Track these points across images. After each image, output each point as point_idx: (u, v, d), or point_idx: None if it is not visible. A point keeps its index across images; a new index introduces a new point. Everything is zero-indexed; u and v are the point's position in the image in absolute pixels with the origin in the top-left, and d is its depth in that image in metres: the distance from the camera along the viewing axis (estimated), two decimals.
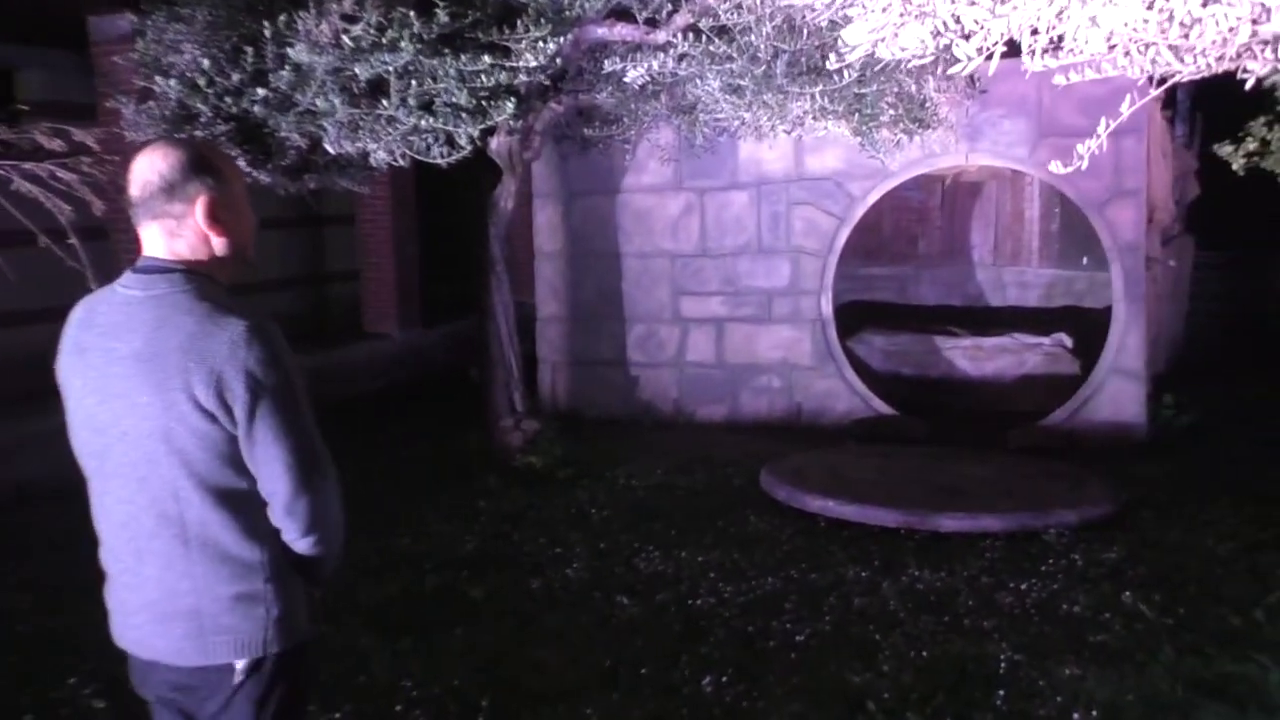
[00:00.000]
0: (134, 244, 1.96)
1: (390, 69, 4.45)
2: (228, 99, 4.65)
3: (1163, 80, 3.54)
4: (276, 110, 4.74)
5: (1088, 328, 9.33)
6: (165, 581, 1.86)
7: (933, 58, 3.14)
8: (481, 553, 5.03)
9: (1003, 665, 3.60)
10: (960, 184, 10.59)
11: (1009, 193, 10.46)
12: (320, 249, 10.57)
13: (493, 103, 4.69)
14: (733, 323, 7.84)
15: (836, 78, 4.95)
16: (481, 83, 4.64)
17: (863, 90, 5.26)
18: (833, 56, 3.82)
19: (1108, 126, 3.49)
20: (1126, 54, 3.49)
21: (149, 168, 1.86)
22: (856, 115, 5.45)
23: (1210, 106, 9.31)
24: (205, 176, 1.87)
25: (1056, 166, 3.58)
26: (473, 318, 7.09)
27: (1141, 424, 6.86)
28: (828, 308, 7.60)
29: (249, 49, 4.51)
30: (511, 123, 5.81)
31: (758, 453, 6.83)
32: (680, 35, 5.19)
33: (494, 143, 6.21)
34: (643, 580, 4.60)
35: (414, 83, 4.55)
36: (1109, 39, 3.02)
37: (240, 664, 1.88)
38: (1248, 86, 3.20)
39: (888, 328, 9.28)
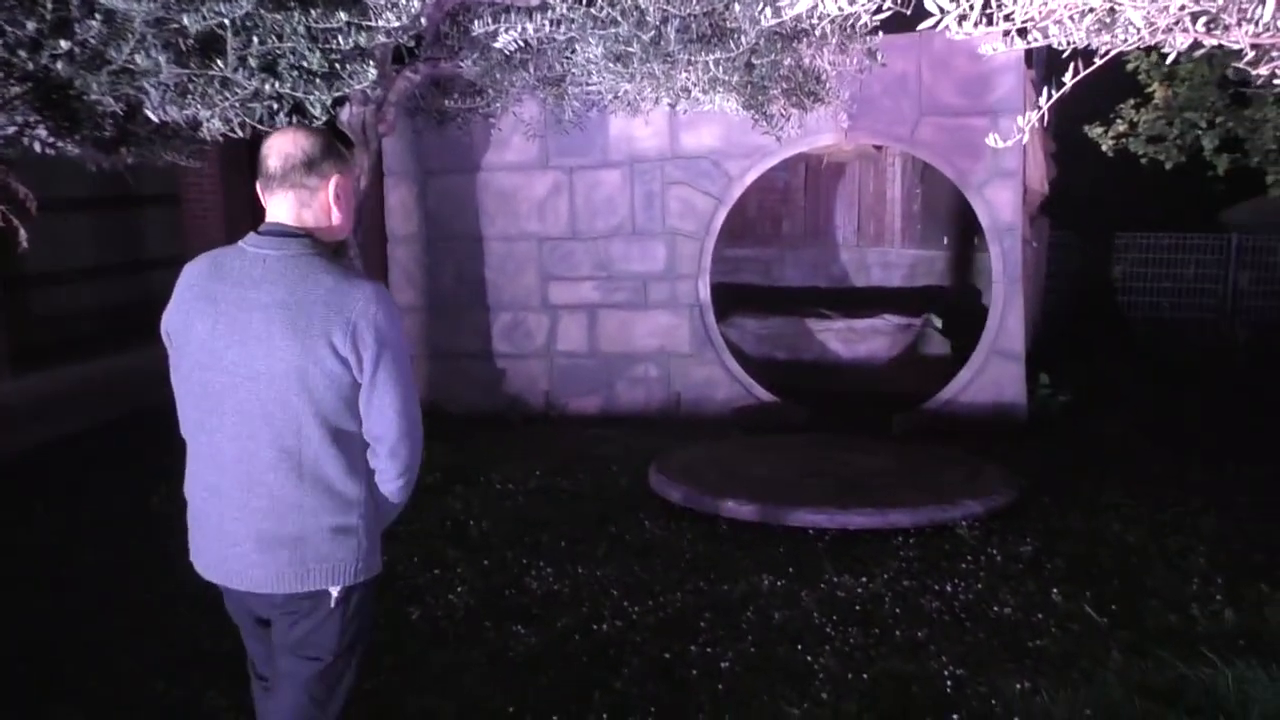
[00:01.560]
0: None
1: (226, 21, 3.77)
2: (21, 53, 3.84)
3: (1078, 54, 3.29)
4: (85, 68, 3.96)
5: (952, 307, 9.38)
6: (276, 511, 2.08)
7: (888, 14, 2.78)
8: None
9: (948, 683, 3.30)
10: (824, 165, 10.48)
11: (871, 173, 10.42)
12: (139, 233, 9.49)
13: (348, 67, 4.06)
14: (606, 309, 7.41)
15: (733, 44, 4.57)
16: (337, 43, 4.02)
17: (757, 60, 4.89)
18: (768, 12, 3.39)
19: (1050, 98, 3.24)
20: (1059, 22, 3.23)
21: (292, 144, 2.13)
22: (749, 87, 5.08)
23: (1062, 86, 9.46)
24: (337, 160, 2.17)
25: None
26: None
27: (1022, 405, 6.83)
28: (705, 292, 7.26)
29: None
30: (368, 91, 5.18)
31: (640, 448, 6.44)
32: None
33: (345, 114, 5.53)
34: (538, 604, 4.11)
35: (255, 40, 3.88)
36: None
37: (335, 590, 2.12)
38: (1174, 58, 2.98)
39: (759, 311, 9.06)
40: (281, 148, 2.13)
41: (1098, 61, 3.21)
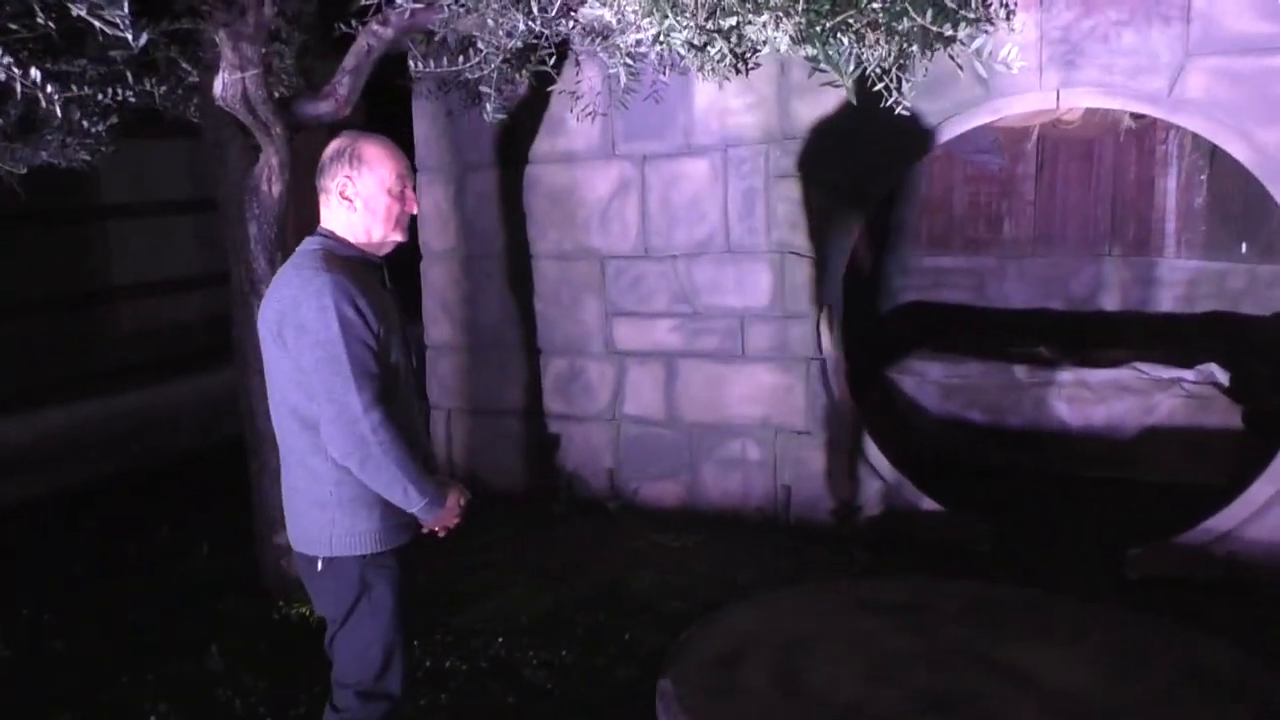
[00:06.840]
0: None
1: None
2: None
3: None
4: None
5: (1247, 346, 6.36)
6: (286, 483, 2.39)
7: None
8: None
9: None
10: (1059, 141, 7.60)
11: (1132, 153, 7.42)
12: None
13: None
14: (689, 359, 5.15)
15: None
16: None
17: None
18: None
19: None
20: None
21: (324, 151, 2.34)
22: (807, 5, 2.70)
23: None
24: (344, 163, 2.31)
25: None
26: None
27: None
28: (830, 340, 4.84)
29: None
30: (225, 42, 3.33)
31: (703, 580, 4.29)
32: None
33: (218, 84, 3.67)
34: None
35: None
36: None
37: (318, 558, 2.31)
38: None
39: (951, 351, 6.44)
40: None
41: None
